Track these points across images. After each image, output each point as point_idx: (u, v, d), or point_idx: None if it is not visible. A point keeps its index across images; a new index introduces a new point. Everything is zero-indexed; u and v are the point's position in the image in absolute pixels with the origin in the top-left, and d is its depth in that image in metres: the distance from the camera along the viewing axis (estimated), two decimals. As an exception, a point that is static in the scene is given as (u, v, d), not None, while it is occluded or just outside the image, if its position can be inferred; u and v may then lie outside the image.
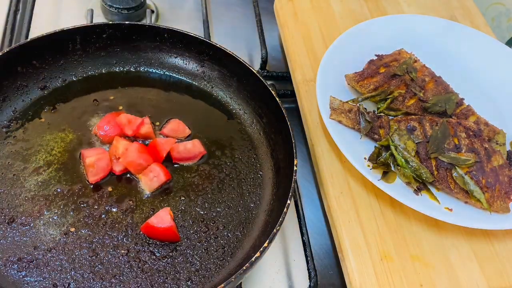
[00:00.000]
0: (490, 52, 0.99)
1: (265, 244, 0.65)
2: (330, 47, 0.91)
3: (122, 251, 0.71)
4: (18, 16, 1.03)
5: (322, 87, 0.85)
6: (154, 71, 0.92)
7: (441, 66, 0.93)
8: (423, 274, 0.72)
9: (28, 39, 0.81)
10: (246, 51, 1.11)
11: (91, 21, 1.00)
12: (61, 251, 0.69)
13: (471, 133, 0.81)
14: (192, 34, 0.88)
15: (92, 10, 1.02)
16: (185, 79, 0.93)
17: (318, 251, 0.84)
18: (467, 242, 0.77)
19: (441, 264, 0.74)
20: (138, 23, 0.89)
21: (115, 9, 1.05)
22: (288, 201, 0.69)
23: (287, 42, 0.99)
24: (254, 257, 0.64)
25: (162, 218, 0.72)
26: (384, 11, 1.08)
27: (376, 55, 0.93)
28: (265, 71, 1.04)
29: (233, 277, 0.62)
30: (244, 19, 1.17)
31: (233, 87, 0.91)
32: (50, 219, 0.72)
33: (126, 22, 0.87)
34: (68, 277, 0.67)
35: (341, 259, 0.75)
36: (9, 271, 0.67)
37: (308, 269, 0.77)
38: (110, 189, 0.76)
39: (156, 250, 0.71)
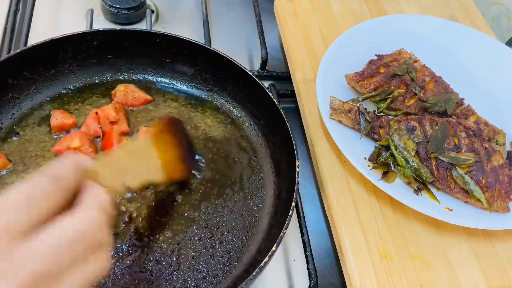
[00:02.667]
0: (490, 52, 0.99)
1: (273, 248, 0.64)
2: (330, 47, 0.91)
3: (127, 262, 0.70)
4: (18, 16, 1.03)
5: (322, 87, 0.85)
6: (147, 76, 0.91)
7: (441, 66, 0.93)
8: (423, 274, 0.72)
9: (18, 50, 0.79)
10: (246, 51, 1.11)
11: (91, 21, 1.00)
12: None
13: (471, 132, 0.81)
14: (185, 38, 0.86)
15: (92, 10, 1.02)
16: (179, 83, 0.92)
17: (318, 251, 0.84)
18: (467, 242, 0.77)
19: (441, 264, 0.74)
20: (130, 29, 0.87)
21: (115, 9, 1.05)
22: (293, 203, 0.69)
23: (287, 42, 0.99)
24: (263, 262, 0.63)
25: None
26: (384, 11, 1.08)
27: (376, 55, 0.93)
28: (265, 71, 1.04)
29: (244, 283, 0.62)
30: (244, 19, 1.17)
31: (229, 90, 0.90)
32: None
33: (118, 28, 0.86)
34: (74, 292, 0.67)
35: (341, 259, 0.75)
36: None
37: (308, 269, 0.77)
38: None
39: (162, 259, 0.71)
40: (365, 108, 0.83)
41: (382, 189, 0.75)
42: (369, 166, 0.78)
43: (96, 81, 0.89)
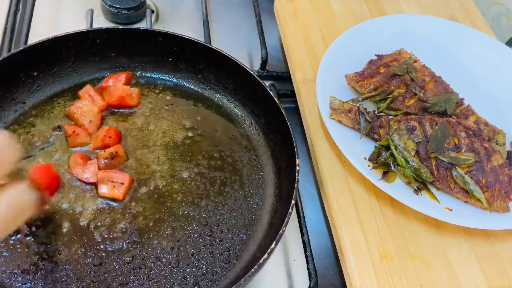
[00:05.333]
0: (490, 52, 0.99)
1: (272, 246, 0.65)
2: (330, 47, 0.91)
3: (127, 258, 0.70)
4: (18, 16, 1.03)
5: (322, 87, 0.85)
6: (149, 75, 0.92)
7: (441, 66, 0.93)
8: (423, 274, 0.72)
9: (21, 48, 0.79)
10: (246, 51, 1.11)
11: (91, 21, 1.00)
12: (65, 261, 0.69)
13: (471, 132, 0.81)
14: (187, 37, 0.86)
15: (92, 10, 1.02)
16: (181, 82, 0.92)
17: (318, 251, 0.84)
18: (467, 242, 0.77)
19: (441, 264, 0.74)
20: (132, 27, 0.87)
21: (115, 9, 1.05)
22: (293, 201, 0.69)
23: (287, 42, 0.99)
24: (262, 259, 0.64)
25: None
26: (384, 11, 1.08)
27: (376, 55, 0.93)
28: (265, 71, 1.05)
29: (243, 279, 0.62)
30: (244, 19, 1.17)
31: (230, 89, 0.90)
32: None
33: (120, 27, 0.86)
34: (74, 287, 0.67)
35: (341, 259, 0.75)
36: (13, 283, 0.66)
37: (308, 269, 0.77)
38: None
39: (162, 256, 0.71)
40: (365, 108, 0.83)
41: (382, 189, 0.75)
42: (369, 166, 0.78)
43: (99, 78, 0.89)
